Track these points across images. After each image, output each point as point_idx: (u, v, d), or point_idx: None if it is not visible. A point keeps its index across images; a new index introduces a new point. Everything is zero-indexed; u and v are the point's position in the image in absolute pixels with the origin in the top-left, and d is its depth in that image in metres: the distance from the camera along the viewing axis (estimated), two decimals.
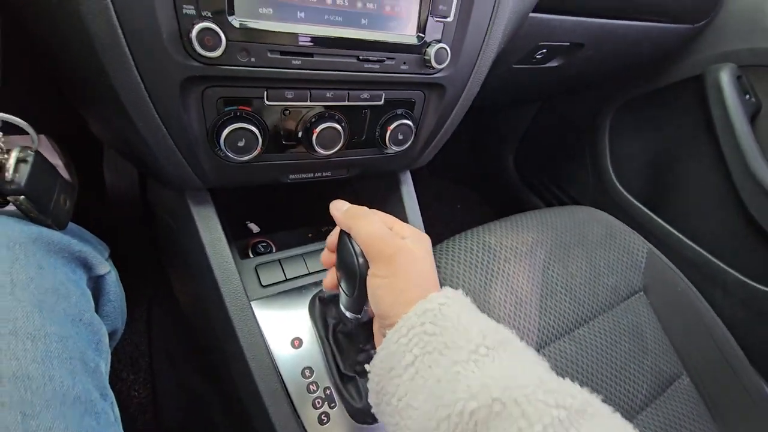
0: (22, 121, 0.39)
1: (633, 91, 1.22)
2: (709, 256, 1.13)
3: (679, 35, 0.95)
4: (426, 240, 0.47)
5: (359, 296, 0.45)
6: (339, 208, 0.48)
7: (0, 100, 0.55)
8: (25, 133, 0.41)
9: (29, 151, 0.39)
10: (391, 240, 0.43)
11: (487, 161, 1.79)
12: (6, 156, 0.38)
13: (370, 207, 0.48)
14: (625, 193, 1.31)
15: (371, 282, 0.43)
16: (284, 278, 0.63)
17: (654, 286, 0.96)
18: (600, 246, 1.01)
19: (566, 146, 1.49)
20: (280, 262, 0.64)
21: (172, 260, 0.79)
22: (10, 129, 0.40)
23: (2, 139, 0.38)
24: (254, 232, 0.77)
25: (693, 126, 1.10)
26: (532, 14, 0.65)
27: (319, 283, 0.64)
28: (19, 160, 0.38)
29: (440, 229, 1.58)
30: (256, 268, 0.62)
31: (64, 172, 0.97)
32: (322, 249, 0.53)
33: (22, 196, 0.38)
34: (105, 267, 0.46)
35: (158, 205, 0.70)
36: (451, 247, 0.85)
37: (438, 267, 0.81)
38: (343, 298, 0.49)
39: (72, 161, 0.97)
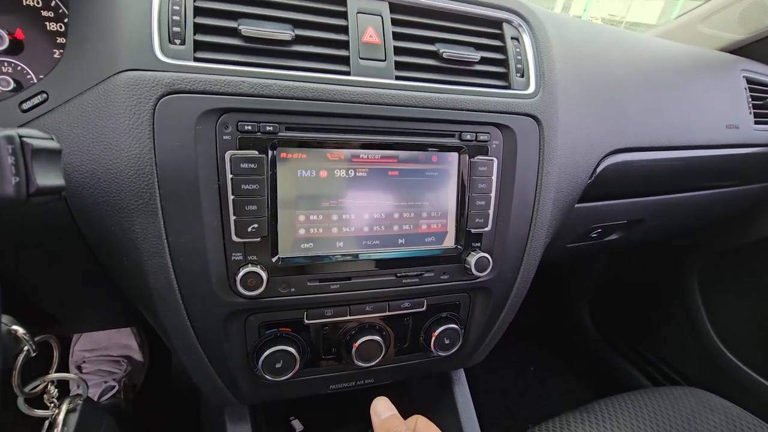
0: (76, 376, 0.42)
1: (720, 244, 1.10)
2: None
3: (755, 195, 0.88)
4: None
5: None
6: (378, 413, 0.44)
7: (96, 297, 0.62)
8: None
9: (78, 400, 0.41)
10: None
11: (558, 316, 1.63)
12: (57, 410, 0.39)
13: (420, 408, 0.42)
14: (742, 365, 1.07)
15: None
16: None
17: None
18: None
19: (649, 300, 1.32)
20: None
21: None
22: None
23: (55, 394, 0.40)
24: (298, 431, 0.71)
25: None
26: (578, 204, 0.64)
27: None
28: (69, 411, 0.40)
29: (511, 401, 1.38)
30: None
31: (137, 353, 1.04)
32: None
33: None
34: None
35: (204, 402, 0.69)
36: None
37: None
38: None
39: (146, 341, 1.05)
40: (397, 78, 0.46)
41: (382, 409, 0.44)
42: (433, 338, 0.55)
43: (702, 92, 0.72)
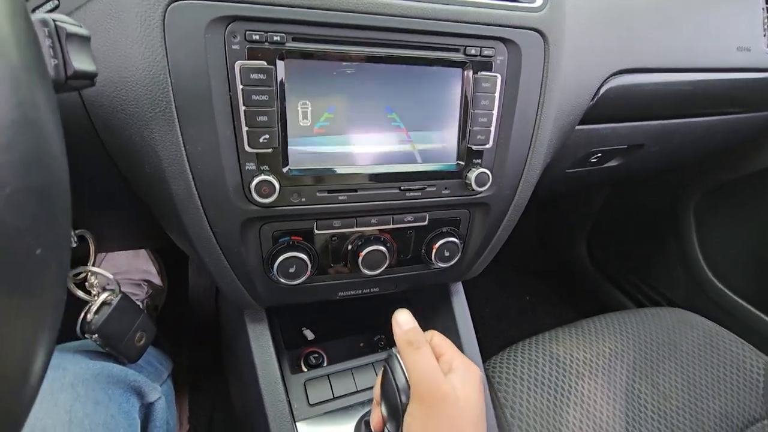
0: (109, 274, 0.46)
1: (718, 176, 1.12)
2: None
3: (758, 124, 0.88)
4: (475, 376, 0.44)
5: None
6: (401, 325, 0.47)
7: (118, 218, 0.66)
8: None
9: (114, 296, 0.46)
10: (437, 384, 0.40)
11: (556, 250, 1.69)
12: (96, 299, 0.44)
13: (422, 317, 0.47)
14: (726, 290, 1.13)
15: (406, 419, 0.41)
16: (332, 396, 0.62)
17: None
18: (698, 359, 0.86)
19: (645, 234, 1.36)
20: (329, 378, 0.64)
21: (231, 366, 0.83)
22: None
23: (95, 283, 0.45)
24: (309, 339, 0.78)
25: None
26: (579, 126, 0.65)
27: (366, 403, 0.62)
28: (104, 303, 0.45)
29: (506, 325, 1.48)
30: (305, 384, 0.63)
31: (156, 278, 1.11)
32: (371, 363, 0.52)
33: (96, 335, 0.44)
34: (155, 393, 0.50)
35: (224, 315, 0.75)
36: (512, 358, 0.79)
37: (497, 384, 0.74)
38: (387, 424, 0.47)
39: (163, 268, 1.11)
40: None
41: (404, 320, 0.47)
42: (434, 250, 0.59)
43: (714, 10, 0.70)
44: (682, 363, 0.85)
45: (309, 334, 0.79)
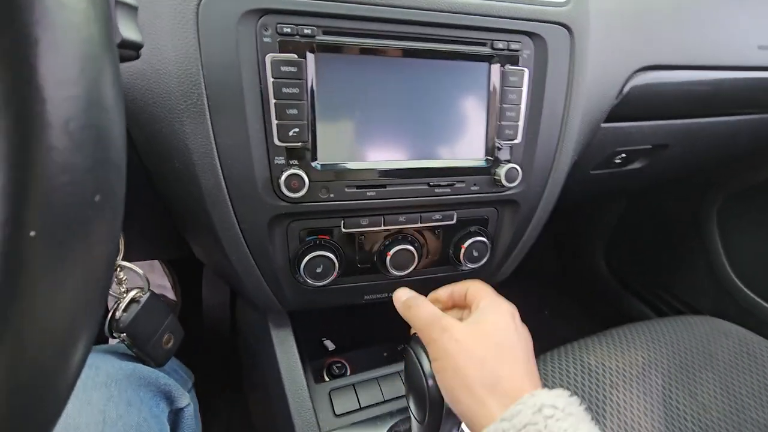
0: (140, 270, 0.45)
1: (741, 179, 1.09)
2: None
3: None
4: (498, 305, 0.42)
5: (432, 423, 0.41)
6: (399, 299, 0.48)
7: (136, 225, 0.65)
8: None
9: (143, 294, 0.45)
10: (436, 321, 0.41)
11: (573, 260, 1.65)
12: (124, 296, 0.43)
13: None
14: (756, 297, 1.09)
15: (433, 366, 0.40)
16: (359, 406, 0.59)
17: None
18: (736, 368, 0.82)
19: (666, 242, 1.33)
20: (354, 387, 0.61)
21: (251, 382, 0.80)
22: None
23: (126, 279, 0.43)
24: (330, 349, 0.76)
25: None
26: (604, 124, 0.64)
27: (394, 413, 0.59)
28: (132, 300, 0.43)
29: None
30: (330, 394, 0.60)
31: (170, 292, 1.10)
32: (397, 372, 0.50)
33: (123, 334, 0.43)
34: (185, 399, 0.47)
35: (244, 325, 0.73)
36: (541, 369, 0.75)
37: None
38: (414, 426, 0.45)
39: (177, 282, 1.10)
40: None
41: (402, 294, 0.49)
42: (463, 250, 0.57)
43: (737, 8, 0.70)
44: (719, 372, 0.81)
45: (329, 345, 0.77)
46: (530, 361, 0.40)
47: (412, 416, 0.45)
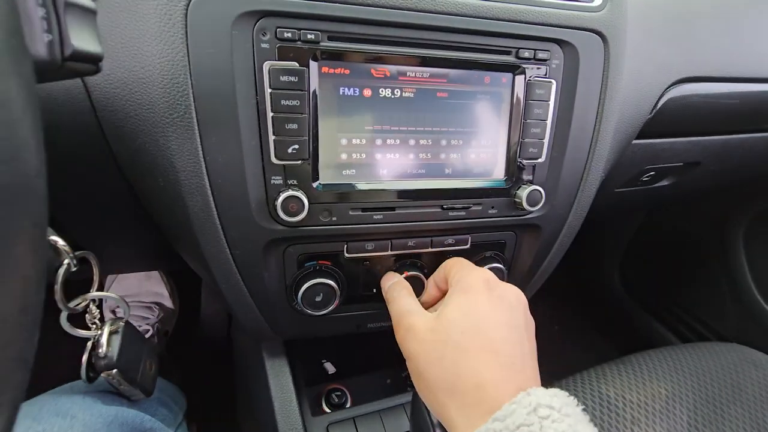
0: (118, 296, 0.40)
1: None
2: None
3: None
4: (471, 286, 0.38)
5: None
6: (387, 280, 0.48)
7: (127, 237, 0.61)
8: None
9: (120, 323, 0.40)
10: (403, 321, 0.39)
11: (586, 277, 1.59)
12: (100, 331, 0.38)
13: None
14: None
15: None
16: None
17: None
18: (766, 402, 0.76)
19: (686, 260, 1.27)
20: (354, 422, 0.56)
21: (245, 409, 0.76)
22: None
23: (97, 315, 0.39)
24: (330, 373, 0.71)
25: None
26: (635, 141, 0.58)
27: None
28: (111, 333, 0.39)
29: (540, 358, 1.37)
30: (327, 428, 0.55)
31: (167, 300, 1.06)
32: (401, 404, 0.46)
33: (115, 371, 0.38)
34: None
35: (238, 348, 0.69)
36: None
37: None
38: None
39: (175, 290, 1.06)
40: None
41: (390, 277, 0.48)
42: None
43: None
44: (749, 407, 0.75)
45: (330, 368, 0.72)
46: (511, 341, 0.35)
47: None
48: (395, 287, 0.45)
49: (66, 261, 0.32)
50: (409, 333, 0.37)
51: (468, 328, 0.34)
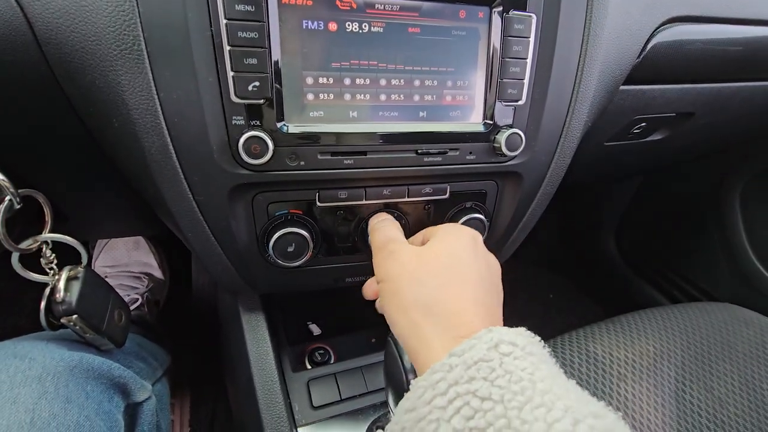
0: (73, 240, 0.39)
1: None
2: None
3: None
4: (461, 234, 0.39)
5: None
6: (375, 217, 0.47)
7: (103, 199, 0.60)
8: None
9: (79, 268, 0.39)
10: (388, 246, 0.39)
11: (581, 243, 1.58)
12: (57, 276, 0.37)
13: None
14: None
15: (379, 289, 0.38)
16: (339, 398, 0.54)
17: None
18: (757, 360, 0.76)
19: (682, 224, 1.25)
20: (335, 378, 0.56)
21: (226, 366, 0.76)
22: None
23: (53, 260, 0.38)
24: (315, 334, 0.70)
25: None
26: (624, 87, 0.56)
27: (378, 406, 0.54)
28: (70, 279, 0.38)
29: (529, 325, 1.37)
30: (308, 384, 0.55)
31: (156, 270, 1.05)
32: (382, 362, 0.45)
33: (75, 316, 0.37)
34: (144, 393, 0.42)
35: (221, 303, 0.68)
36: None
37: None
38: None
39: (165, 259, 1.05)
40: None
41: (380, 215, 0.47)
42: None
43: None
44: (738, 364, 0.74)
45: (315, 329, 0.71)
46: (485, 288, 0.36)
47: (390, 412, 0.40)
48: (382, 221, 0.45)
49: (8, 198, 0.30)
50: (392, 256, 0.37)
51: (451, 265, 0.35)
